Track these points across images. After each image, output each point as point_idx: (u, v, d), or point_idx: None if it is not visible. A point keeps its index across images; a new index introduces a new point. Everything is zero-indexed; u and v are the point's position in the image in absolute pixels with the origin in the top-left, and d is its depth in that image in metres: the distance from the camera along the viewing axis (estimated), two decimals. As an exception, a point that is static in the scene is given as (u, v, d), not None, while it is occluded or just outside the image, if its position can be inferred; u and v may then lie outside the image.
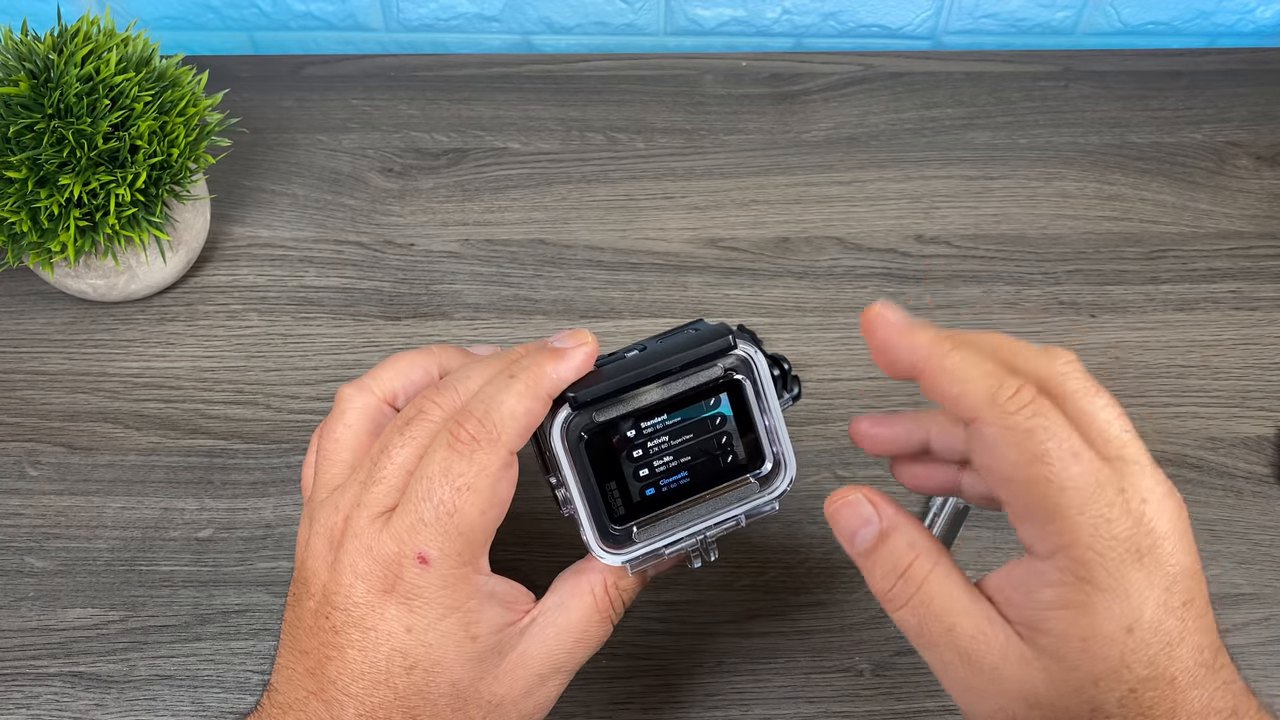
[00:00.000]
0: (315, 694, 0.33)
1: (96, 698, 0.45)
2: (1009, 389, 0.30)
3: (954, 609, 0.31)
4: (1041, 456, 0.29)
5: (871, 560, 0.32)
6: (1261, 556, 0.50)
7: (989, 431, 0.30)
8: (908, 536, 0.32)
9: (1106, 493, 0.29)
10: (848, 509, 0.33)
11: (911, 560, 0.31)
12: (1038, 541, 0.30)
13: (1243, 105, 0.71)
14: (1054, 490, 0.29)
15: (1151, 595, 0.29)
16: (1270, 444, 0.54)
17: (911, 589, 0.31)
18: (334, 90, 0.72)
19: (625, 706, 0.46)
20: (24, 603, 0.48)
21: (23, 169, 0.50)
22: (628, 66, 0.74)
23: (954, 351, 0.31)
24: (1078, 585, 0.29)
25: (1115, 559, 0.29)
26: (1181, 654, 0.29)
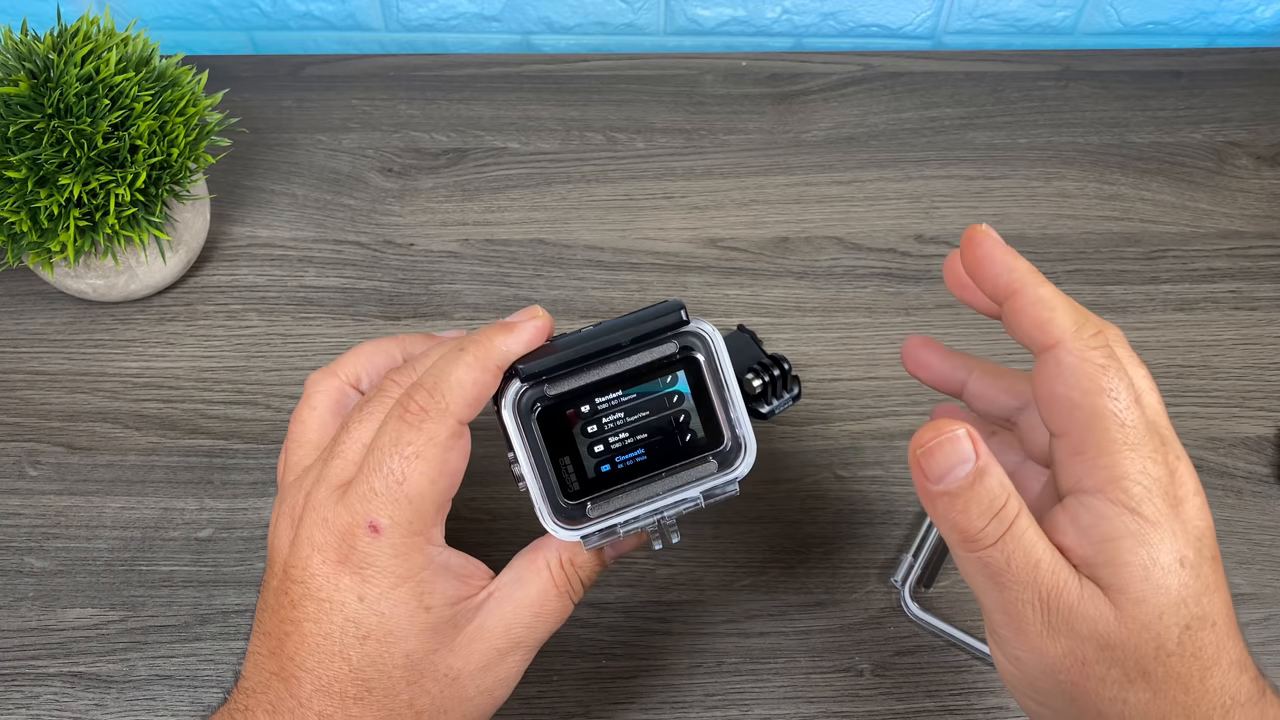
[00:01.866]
0: (276, 674, 0.34)
1: (96, 698, 0.45)
2: (1091, 327, 0.32)
3: (1041, 547, 0.31)
4: (1110, 391, 0.31)
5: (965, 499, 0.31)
6: (1261, 556, 0.50)
7: (1067, 359, 0.32)
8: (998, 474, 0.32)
9: (1153, 440, 0.31)
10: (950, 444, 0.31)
11: (1005, 499, 0.31)
12: (1088, 475, 0.31)
13: (1243, 105, 0.71)
14: (1114, 425, 0.31)
15: (1188, 543, 0.31)
16: (1270, 444, 0.54)
17: (1003, 526, 0.31)
18: (334, 90, 0.72)
19: (625, 707, 0.46)
20: (24, 603, 0.48)
21: (22, 169, 0.50)
22: (627, 66, 0.74)
23: (1045, 284, 0.33)
24: (1132, 516, 0.30)
25: (1159, 500, 0.31)
26: (1218, 601, 0.31)
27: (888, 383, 0.56)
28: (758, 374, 0.54)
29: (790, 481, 0.53)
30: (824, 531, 0.51)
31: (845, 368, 0.57)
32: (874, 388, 0.56)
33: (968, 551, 0.32)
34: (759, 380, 0.54)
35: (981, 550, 0.32)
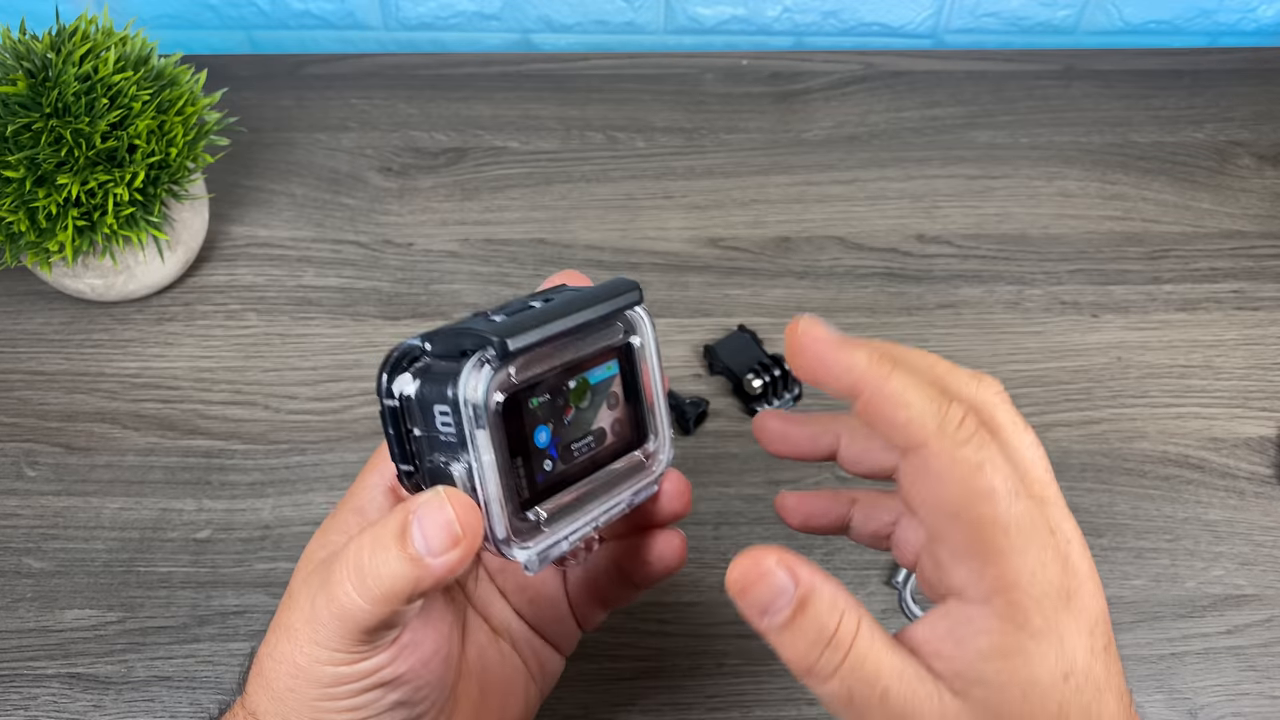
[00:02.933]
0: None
1: (94, 699, 0.45)
2: (955, 416, 0.28)
3: (885, 671, 0.28)
4: (988, 494, 0.27)
5: (791, 632, 0.28)
6: (1264, 557, 0.50)
7: (935, 462, 0.28)
8: (826, 597, 0.28)
9: (1041, 534, 0.28)
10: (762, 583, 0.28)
11: (837, 622, 0.28)
12: (973, 584, 0.28)
13: (1245, 104, 0.71)
14: (998, 531, 0.27)
15: (1081, 641, 0.28)
16: (1272, 444, 0.54)
17: (839, 655, 0.28)
18: (333, 89, 0.71)
19: (626, 708, 0.46)
20: (22, 604, 0.48)
21: (20, 168, 0.49)
22: (628, 65, 0.74)
23: (895, 373, 0.29)
24: (1015, 632, 0.27)
25: (1050, 605, 0.27)
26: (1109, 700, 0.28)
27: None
28: (758, 374, 0.54)
29: (791, 482, 0.52)
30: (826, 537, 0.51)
31: (846, 368, 0.57)
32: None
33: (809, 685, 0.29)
34: (759, 380, 0.54)
35: (821, 685, 0.29)
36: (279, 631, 0.31)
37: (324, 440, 0.53)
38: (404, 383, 0.30)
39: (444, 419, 0.29)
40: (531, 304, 0.31)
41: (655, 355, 0.33)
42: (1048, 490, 0.29)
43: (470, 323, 0.30)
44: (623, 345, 0.33)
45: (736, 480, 0.52)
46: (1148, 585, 0.48)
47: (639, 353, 0.33)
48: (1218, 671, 0.46)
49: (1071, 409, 0.55)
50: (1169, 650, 0.46)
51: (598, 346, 0.32)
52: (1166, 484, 0.52)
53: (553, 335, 0.30)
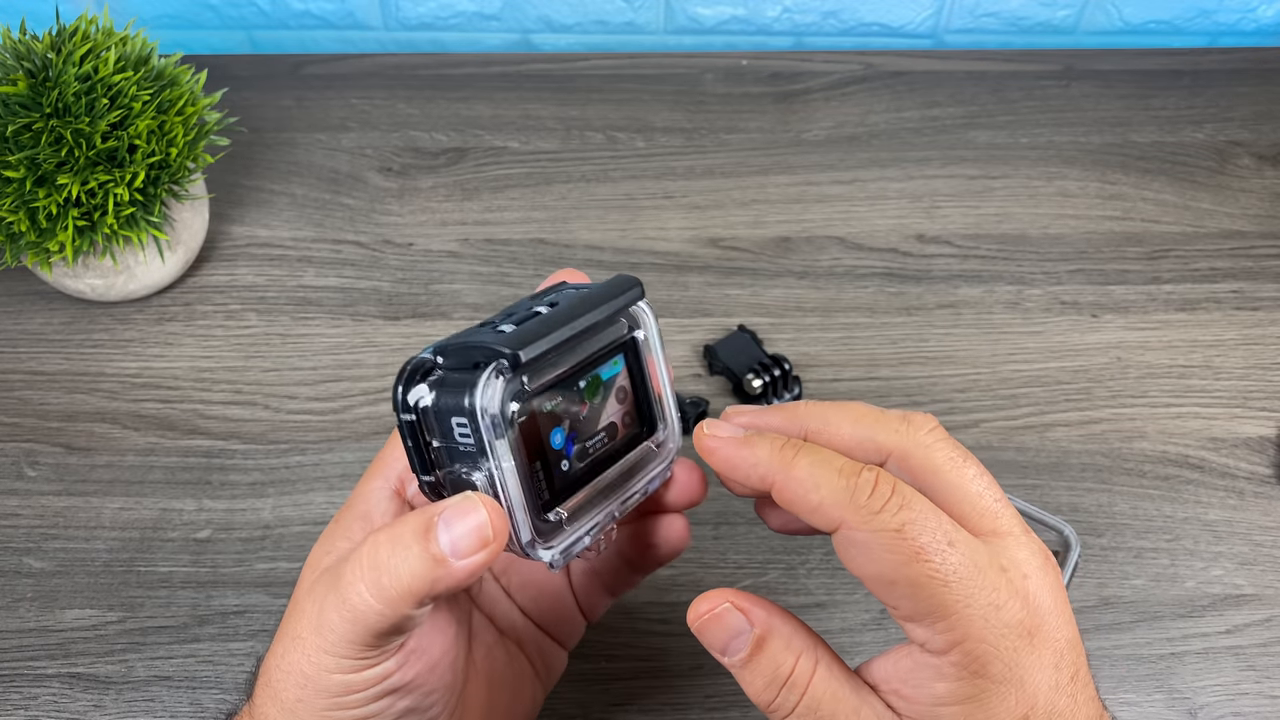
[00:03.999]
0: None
1: (95, 699, 0.45)
2: (866, 486, 0.28)
3: (842, 710, 0.29)
4: (918, 554, 0.27)
5: (750, 671, 0.29)
6: (1263, 557, 0.50)
7: (858, 536, 0.28)
8: (783, 637, 0.29)
9: (989, 576, 0.27)
10: (715, 622, 0.29)
11: (794, 663, 0.29)
12: (928, 639, 0.28)
13: (1245, 104, 0.71)
14: (938, 586, 0.27)
15: (1044, 677, 0.28)
16: (1272, 444, 0.54)
17: (796, 695, 0.29)
18: (333, 89, 0.71)
19: (625, 708, 0.46)
20: (22, 603, 0.48)
21: (21, 168, 0.49)
22: (628, 65, 0.74)
23: (799, 458, 0.29)
24: (972, 680, 0.27)
25: (1009, 647, 0.27)
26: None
27: (888, 383, 0.56)
28: (758, 374, 0.54)
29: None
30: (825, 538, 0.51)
31: (846, 368, 0.57)
32: (875, 388, 0.56)
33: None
34: (759, 380, 0.54)
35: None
36: (285, 641, 0.30)
37: (324, 440, 0.53)
38: (420, 396, 0.30)
39: (462, 430, 0.30)
40: (537, 309, 0.31)
41: (659, 347, 0.34)
42: (998, 522, 0.29)
43: (479, 334, 0.30)
44: (628, 340, 0.33)
45: (736, 480, 0.52)
46: (1147, 585, 0.49)
47: (643, 346, 0.34)
48: (1217, 671, 0.46)
49: (1071, 409, 0.55)
50: (1169, 650, 0.46)
51: (604, 344, 0.33)
52: (1166, 484, 0.52)
53: (562, 341, 0.30)
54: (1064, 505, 0.51)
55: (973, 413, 0.55)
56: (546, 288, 0.34)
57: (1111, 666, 0.46)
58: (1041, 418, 0.55)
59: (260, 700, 0.31)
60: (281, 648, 0.31)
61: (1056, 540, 0.50)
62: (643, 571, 0.38)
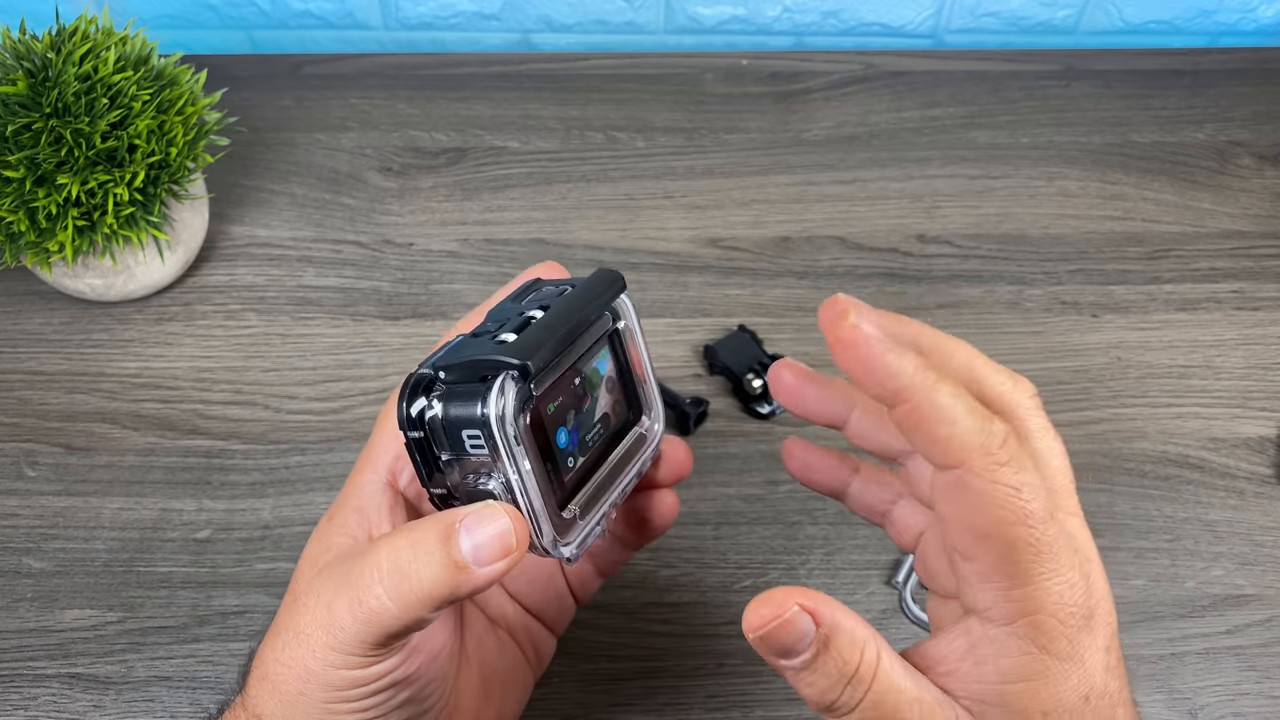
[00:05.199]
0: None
1: (94, 699, 0.45)
2: (998, 436, 0.27)
3: (905, 700, 0.28)
4: (1026, 518, 0.27)
5: (813, 672, 0.28)
6: (1264, 557, 0.49)
7: (975, 483, 0.27)
8: (847, 633, 0.28)
9: (1068, 555, 0.28)
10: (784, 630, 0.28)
11: (859, 659, 0.28)
12: (998, 605, 0.28)
13: (1245, 104, 0.71)
14: (1031, 554, 0.27)
15: (1098, 659, 0.28)
16: (1272, 444, 0.54)
17: (861, 690, 0.28)
18: (333, 89, 0.71)
19: (626, 709, 0.46)
20: (22, 604, 0.48)
21: (20, 168, 0.49)
22: (628, 65, 0.74)
23: (941, 385, 0.28)
24: (1039, 655, 0.27)
25: (1074, 626, 0.27)
26: (1120, 715, 0.28)
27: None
28: (758, 374, 0.54)
29: (791, 483, 0.52)
30: (825, 533, 0.51)
31: (846, 368, 0.57)
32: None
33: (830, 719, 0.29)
34: (759, 380, 0.54)
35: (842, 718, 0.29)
36: (285, 635, 0.30)
37: (324, 440, 0.53)
38: (426, 411, 0.30)
39: (474, 441, 0.30)
40: (529, 314, 0.32)
41: (640, 334, 0.35)
42: (1069, 502, 0.29)
43: (479, 346, 0.31)
44: (612, 331, 0.34)
45: (736, 480, 0.52)
46: (1148, 585, 0.49)
47: (625, 335, 0.34)
48: (1218, 671, 0.46)
49: (1071, 409, 0.55)
50: (1169, 650, 0.46)
51: (595, 339, 0.33)
52: (1166, 484, 0.52)
53: (564, 345, 0.31)
54: (1064, 505, 0.51)
55: (973, 413, 0.55)
56: (523, 285, 0.35)
57: (1112, 667, 0.46)
58: (1042, 418, 0.55)
59: (256, 693, 0.31)
60: (280, 642, 0.31)
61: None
62: (634, 548, 0.39)
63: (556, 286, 0.34)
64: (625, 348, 0.35)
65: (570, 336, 0.31)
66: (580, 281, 0.34)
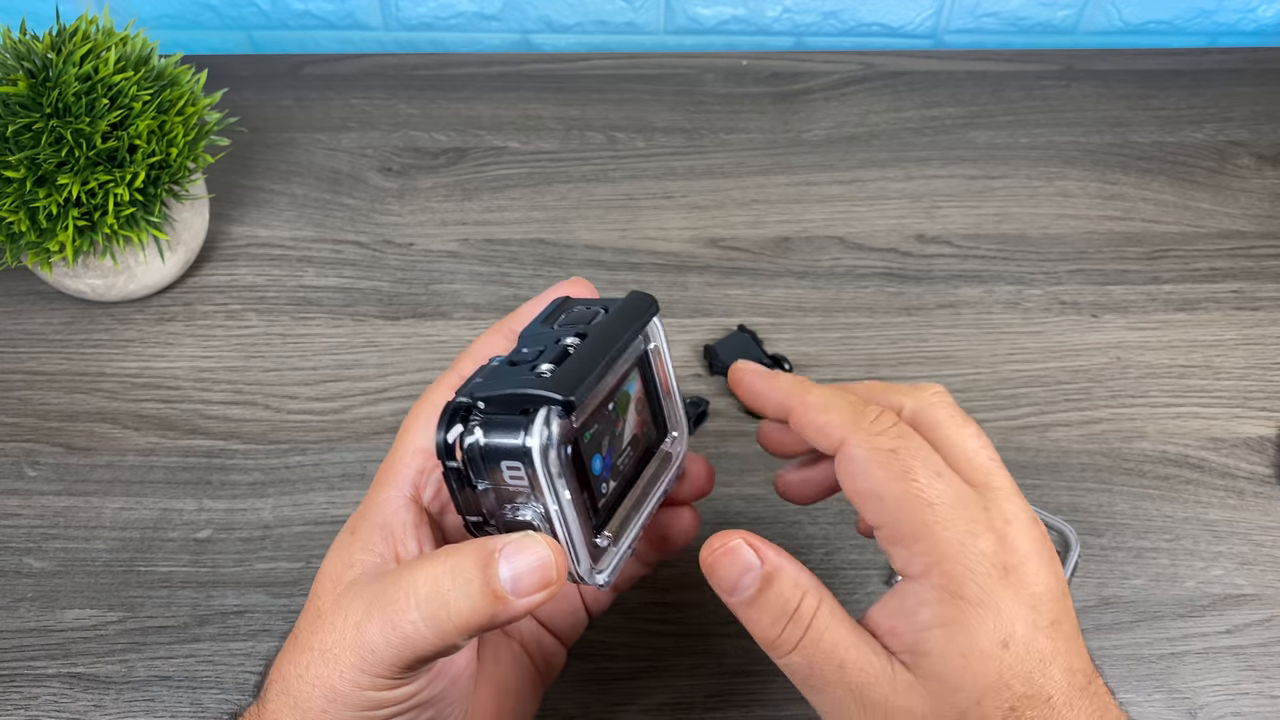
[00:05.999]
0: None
1: (95, 699, 0.45)
2: (871, 412, 0.31)
3: (842, 644, 0.30)
4: (907, 473, 0.30)
5: (757, 608, 0.31)
6: (1263, 557, 0.50)
7: (856, 452, 0.31)
8: (791, 576, 0.31)
9: (971, 510, 0.30)
10: (728, 557, 0.31)
11: (799, 600, 0.31)
12: (910, 561, 0.30)
13: (1244, 104, 0.71)
14: (921, 505, 0.29)
15: (1020, 613, 0.29)
16: (1272, 444, 0.54)
17: (800, 630, 0.30)
18: (333, 89, 0.71)
19: (625, 708, 0.46)
20: (22, 603, 0.48)
21: (21, 168, 0.49)
22: (628, 65, 0.74)
23: (814, 387, 0.33)
24: (951, 601, 0.29)
25: (983, 574, 0.29)
26: (1054, 673, 0.29)
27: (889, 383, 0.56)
28: (758, 374, 0.54)
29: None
30: (825, 532, 0.51)
31: (846, 368, 0.57)
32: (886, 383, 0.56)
33: (774, 658, 0.31)
34: (759, 380, 0.54)
35: (783, 656, 0.31)
36: (311, 653, 0.30)
37: (324, 440, 0.53)
38: (465, 439, 0.30)
39: (514, 472, 0.30)
40: (565, 342, 0.32)
41: (667, 353, 0.35)
42: (991, 478, 0.31)
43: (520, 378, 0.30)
44: (643, 354, 0.34)
45: (737, 480, 0.52)
46: (1147, 585, 0.49)
47: (653, 355, 0.34)
48: (1217, 671, 0.46)
49: (1071, 409, 0.55)
50: (1169, 650, 0.46)
51: (628, 364, 0.33)
52: (1166, 484, 0.52)
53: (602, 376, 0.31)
54: (1064, 505, 0.51)
55: (973, 412, 0.54)
56: (552, 303, 0.35)
57: (1111, 666, 0.46)
58: (1041, 418, 0.55)
59: (276, 708, 0.31)
60: (306, 659, 0.30)
61: (1057, 540, 0.50)
62: (651, 565, 0.39)
63: (588, 307, 0.34)
64: (654, 368, 0.35)
65: (609, 365, 0.31)
66: (613, 304, 0.34)
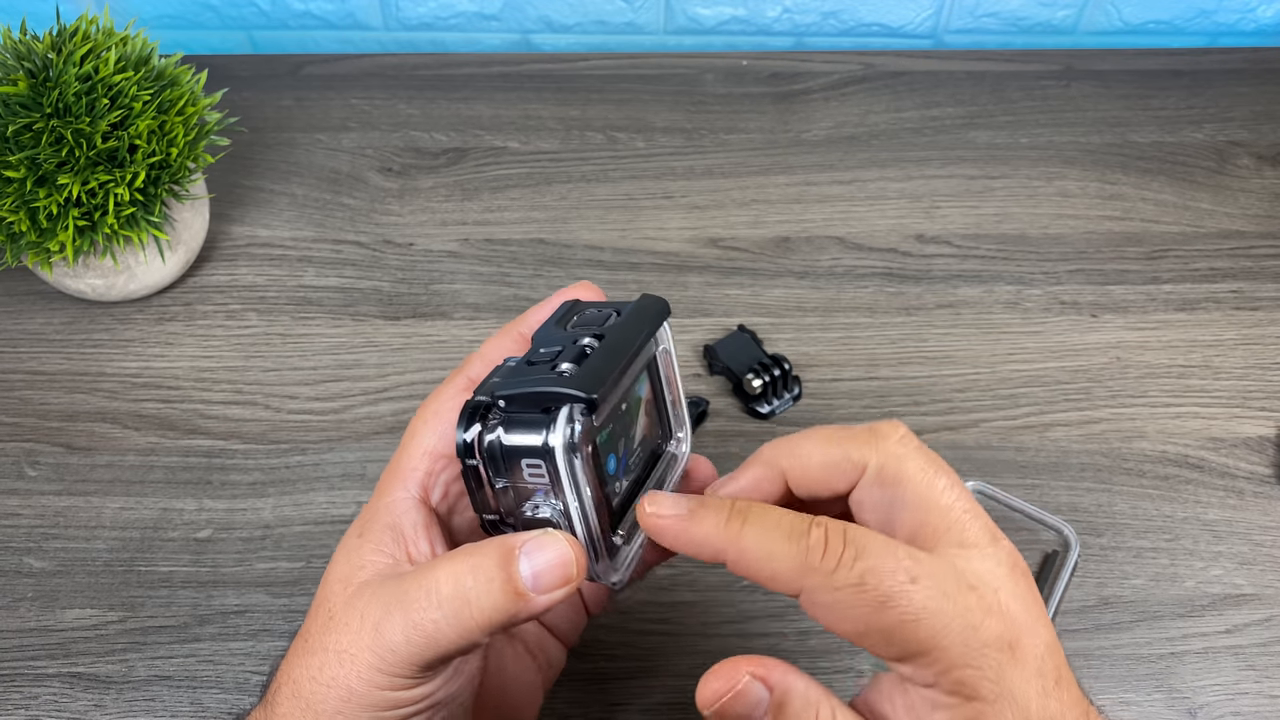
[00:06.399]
0: None
1: (95, 698, 0.45)
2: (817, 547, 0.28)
3: None
4: (883, 603, 0.27)
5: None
6: (1263, 557, 0.50)
7: (822, 598, 0.28)
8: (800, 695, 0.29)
9: (960, 599, 0.28)
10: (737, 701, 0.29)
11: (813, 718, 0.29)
12: (915, 674, 0.28)
13: (1244, 104, 0.71)
14: (910, 627, 0.27)
15: (1032, 687, 0.28)
16: (1271, 444, 0.54)
17: None
18: (333, 89, 0.72)
19: (624, 707, 0.46)
20: (23, 603, 0.48)
21: (21, 168, 0.49)
22: (628, 65, 0.74)
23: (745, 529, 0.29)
24: (966, 704, 0.28)
25: (993, 665, 0.27)
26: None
27: (888, 383, 0.56)
28: (758, 374, 0.54)
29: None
30: (824, 532, 0.51)
31: (846, 368, 0.57)
32: (875, 388, 0.56)
33: None
34: (759, 380, 0.54)
35: None
36: (325, 655, 0.30)
37: (324, 440, 0.54)
38: (484, 437, 0.30)
39: (534, 470, 0.30)
40: (583, 343, 0.32)
41: (674, 356, 0.35)
42: (965, 534, 0.29)
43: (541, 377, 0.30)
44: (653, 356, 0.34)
45: (736, 480, 0.52)
46: (1147, 585, 0.49)
47: (664, 358, 0.35)
48: (1217, 671, 0.46)
49: (1071, 409, 0.55)
50: (1168, 650, 0.46)
51: (641, 366, 0.33)
52: (1165, 484, 0.52)
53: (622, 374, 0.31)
54: (1064, 505, 0.51)
55: (972, 412, 0.55)
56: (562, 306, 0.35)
57: (1111, 666, 0.46)
58: (1041, 418, 0.55)
59: (287, 709, 0.31)
60: (319, 661, 0.30)
61: (1056, 540, 0.50)
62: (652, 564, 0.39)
63: (600, 310, 0.34)
64: (662, 370, 0.35)
65: (628, 366, 0.31)
66: (625, 307, 0.34)
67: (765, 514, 0.29)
